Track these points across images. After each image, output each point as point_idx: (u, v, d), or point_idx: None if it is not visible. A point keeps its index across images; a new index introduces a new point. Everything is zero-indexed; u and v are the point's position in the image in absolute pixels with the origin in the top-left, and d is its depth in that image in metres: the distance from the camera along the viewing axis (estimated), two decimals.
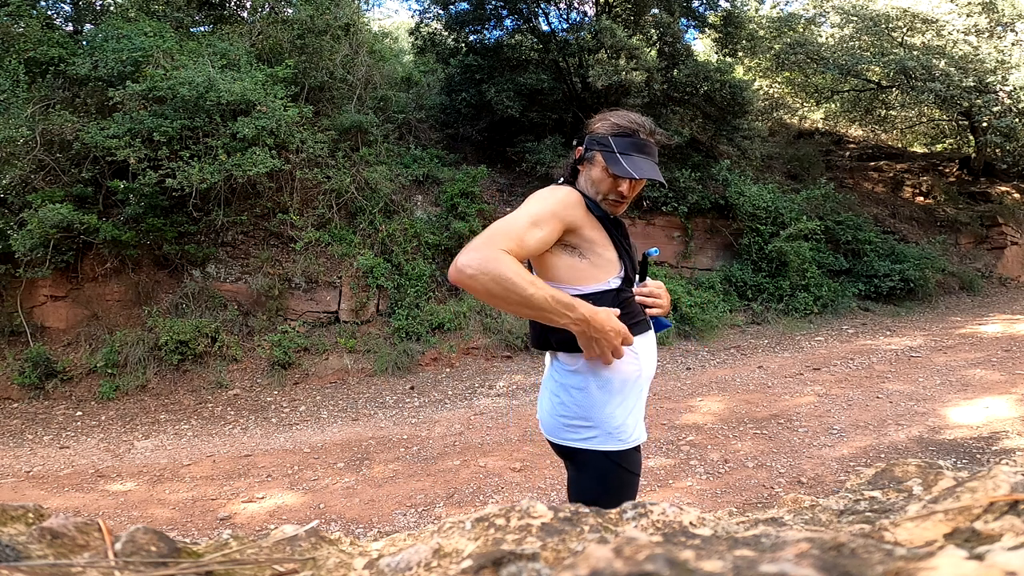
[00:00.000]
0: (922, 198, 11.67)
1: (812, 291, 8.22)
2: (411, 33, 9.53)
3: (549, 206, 1.33)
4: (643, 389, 1.45)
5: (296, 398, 5.45)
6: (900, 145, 14.47)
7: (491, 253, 1.16)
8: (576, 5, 8.87)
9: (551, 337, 1.40)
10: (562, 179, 1.51)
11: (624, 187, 1.40)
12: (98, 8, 7.40)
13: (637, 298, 1.49)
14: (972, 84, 9.53)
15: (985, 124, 10.49)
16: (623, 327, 1.30)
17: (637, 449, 1.45)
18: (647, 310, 1.50)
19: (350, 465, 3.81)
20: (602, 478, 1.39)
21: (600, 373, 1.36)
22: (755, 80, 11.44)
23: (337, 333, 6.23)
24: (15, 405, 5.32)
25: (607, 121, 1.43)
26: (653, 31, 8.62)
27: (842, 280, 8.84)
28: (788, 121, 13.47)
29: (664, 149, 1.48)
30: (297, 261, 6.42)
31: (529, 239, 1.25)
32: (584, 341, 1.27)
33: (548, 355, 1.50)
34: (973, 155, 12.46)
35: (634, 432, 1.41)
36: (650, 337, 1.49)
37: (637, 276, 1.53)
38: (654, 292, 1.53)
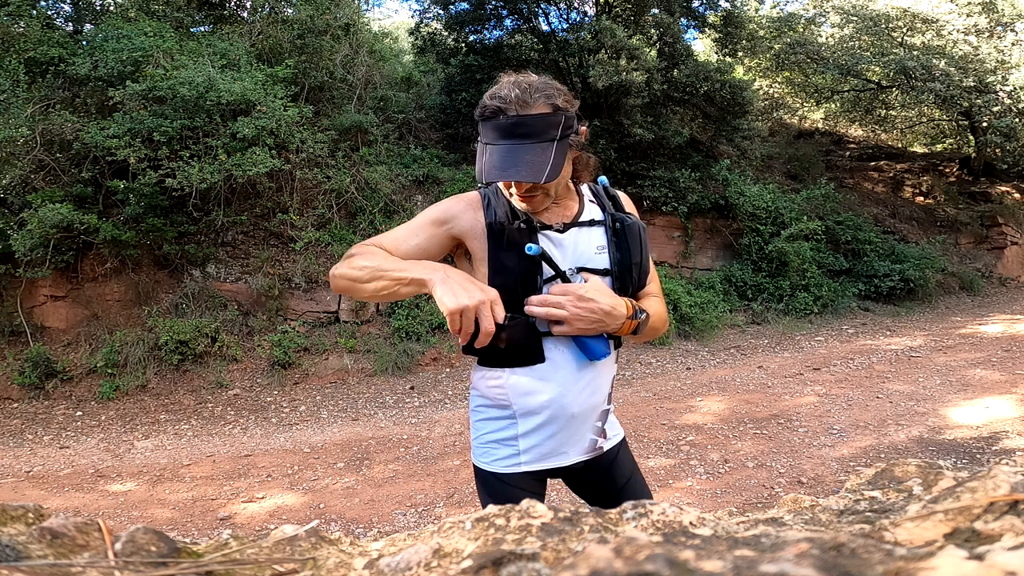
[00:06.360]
0: (922, 198, 11.67)
1: (812, 291, 8.22)
2: (411, 33, 9.53)
3: (429, 213, 1.23)
4: (519, 422, 1.20)
5: (296, 398, 5.45)
6: (900, 145, 14.46)
7: (351, 251, 1.19)
8: (576, 5, 8.88)
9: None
10: None
11: (513, 185, 1.13)
12: (98, 8, 7.39)
13: (535, 310, 1.13)
14: (972, 84, 9.54)
15: (985, 124, 10.49)
16: (488, 290, 1.02)
17: (511, 482, 1.21)
18: (554, 327, 1.14)
19: (350, 465, 3.81)
20: (480, 490, 1.31)
21: (475, 385, 1.28)
22: (755, 80, 11.43)
23: (337, 333, 6.23)
24: (15, 405, 5.32)
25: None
26: (653, 31, 8.61)
27: (842, 280, 8.84)
28: (788, 121, 13.46)
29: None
30: (297, 261, 6.42)
31: (402, 244, 1.19)
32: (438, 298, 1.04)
33: None
34: (973, 155, 12.46)
35: (492, 459, 1.23)
36: (540, 370, 1.18)
37: (559, 280, 1.16)
38: (548, 300, 1.12)
